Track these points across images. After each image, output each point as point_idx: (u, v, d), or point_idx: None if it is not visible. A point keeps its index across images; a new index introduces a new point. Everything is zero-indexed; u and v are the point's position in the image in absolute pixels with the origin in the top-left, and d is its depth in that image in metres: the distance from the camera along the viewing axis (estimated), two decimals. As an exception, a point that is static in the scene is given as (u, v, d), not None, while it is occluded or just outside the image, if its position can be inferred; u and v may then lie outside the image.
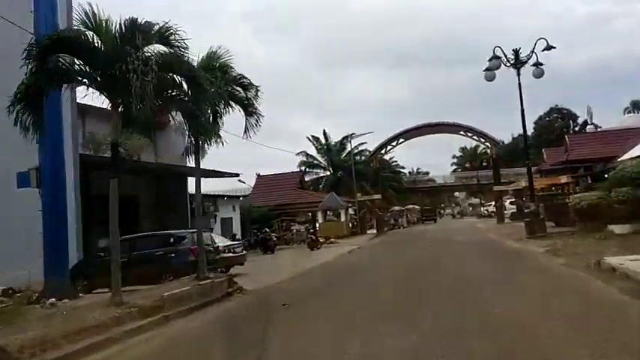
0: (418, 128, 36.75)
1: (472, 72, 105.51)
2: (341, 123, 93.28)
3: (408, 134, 36.83)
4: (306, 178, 52.34)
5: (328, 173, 52.18)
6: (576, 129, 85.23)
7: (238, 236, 28.49)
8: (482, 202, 67.98)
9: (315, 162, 52.09)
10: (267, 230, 31.12)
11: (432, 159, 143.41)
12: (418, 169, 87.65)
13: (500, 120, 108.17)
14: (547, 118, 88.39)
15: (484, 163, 70.94)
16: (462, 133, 36.87)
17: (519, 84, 21.12)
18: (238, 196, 33.40)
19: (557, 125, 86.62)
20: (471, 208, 78.41)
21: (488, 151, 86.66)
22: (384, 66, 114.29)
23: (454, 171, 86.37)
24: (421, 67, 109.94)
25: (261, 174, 43.17)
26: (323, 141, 51.69)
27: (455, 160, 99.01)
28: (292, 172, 42.40)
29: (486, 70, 21.35)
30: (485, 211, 55.58)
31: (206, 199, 24.61)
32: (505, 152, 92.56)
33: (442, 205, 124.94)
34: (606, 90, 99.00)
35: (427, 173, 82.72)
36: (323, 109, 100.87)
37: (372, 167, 60.49)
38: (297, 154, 51.32)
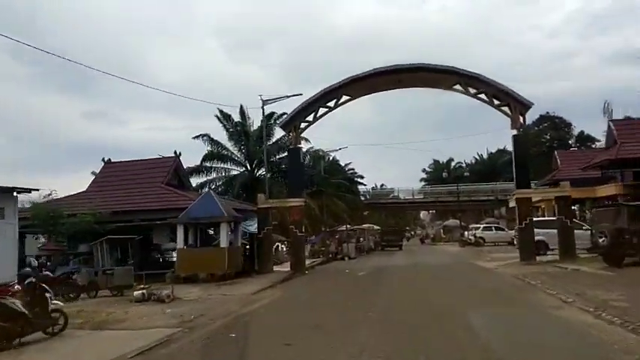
0: (367, 77, 19.26)
1: (440, 96, 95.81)
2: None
3: (351, 88, 19.55)
4: (213, 176, 34.71)
5: (244, 169, 34.60)
6: (570, 141, 71.55)
7: None
8: (464, 223, 51.60)
9: (223, 152, 34.47)
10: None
11: (399, 178, 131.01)
12: (382, 184, 70.49)
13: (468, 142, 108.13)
14: (537, 127, 73.99)
15: (466, 174, 54.76)
16: (457, 87, 19.22)
17: None
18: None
19: (548, 136, 72.31)
20: (443, 232, 61.71)
21: (463, 164, 72.48)
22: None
23: (424, 186, 70.27)
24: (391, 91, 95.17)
25: (111, 160, 25.28)
26: (238, 119, 34.15)
27: (424, 175, 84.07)
28: (161, 159, 24.63)
29: None
30: (472, 237, 39.01)
31: None
32: (482, 167, 78.50)
33: (407, 228, 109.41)
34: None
35: (392, 190, 65.96)
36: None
37: (314, 168, 44.79)
38: (196, 137, 33.69)
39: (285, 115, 21.08)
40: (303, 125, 20.66)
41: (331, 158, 54.53)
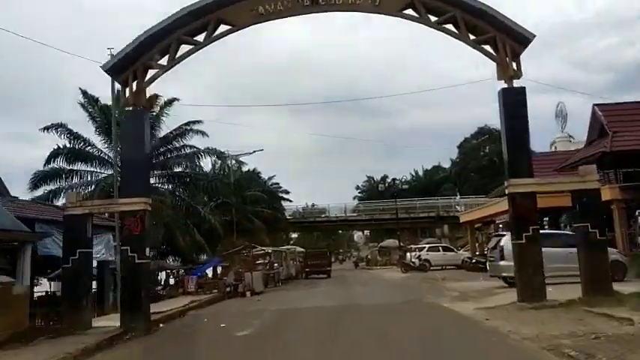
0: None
1: (373, 122, 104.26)
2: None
3: (232, 11, 11.23)
4: (75, 181, 24.82)
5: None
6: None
7: None
8: (402, 244, 44.31)
9: (87, 149, 24.77)
10: None
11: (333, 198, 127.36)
12: (313, 204, 61.82)
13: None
14: (475, 141, 69.34)
15: (405, 186, 47.91)
16: (410, 12, 11.48)
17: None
18: None
19: (487, 149, 67.68)
20: (379, 254, 54.09)
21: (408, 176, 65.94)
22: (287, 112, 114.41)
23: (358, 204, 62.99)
24: (321, 115, 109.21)
25: None
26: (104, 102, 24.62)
27: (358, 193, 77.12)
28: None
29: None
30: (415, 260, 31.45)
31: None
32: (418, 184, 72.62)
33: (340, 250, 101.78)
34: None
35: (323, 210, 57.65)
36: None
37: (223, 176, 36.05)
38: (45, 129, 23.83)
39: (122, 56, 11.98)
40: (151, 73, 11.94)
41: (251, 170, 46.17)
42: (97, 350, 9.59)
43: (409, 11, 11.89)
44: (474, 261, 26.99)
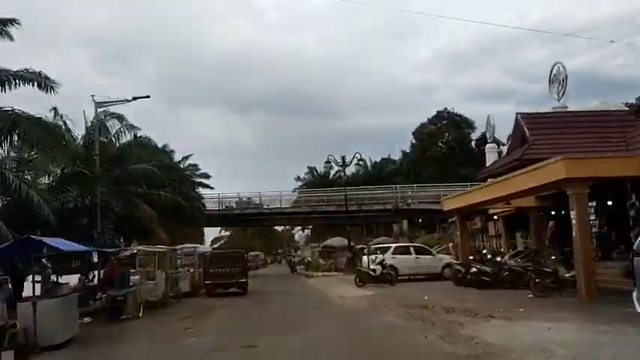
0: None
1: (313, 123, 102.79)
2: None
3: None
4: None
5: None
6: (471, 143, 59.16)
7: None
8: (352, 244, 34.27)
9: None
10: None
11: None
12: (249, 197, 49.43)
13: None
14: (433, 125, 60.57)
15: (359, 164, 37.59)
16: None
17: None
18: None
19: (449, 137, 59.12)
20: (321, 256, 43.26)
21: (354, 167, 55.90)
22: (229, 109, 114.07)
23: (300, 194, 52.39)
24: (265, 114, 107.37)
25: None
26: None
27: (299, 185, 66.49)
28: None
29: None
30: (377, 267, 21.01)
31: None
32: (366, 177, 62.83)
33: (280, 251, 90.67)
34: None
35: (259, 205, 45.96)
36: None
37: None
38: None
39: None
40: None
41: (149, 140, 34.62)
42: None
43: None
44: (473, 269, 17.08)
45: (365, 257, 22.67)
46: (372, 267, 21.36)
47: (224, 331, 10.69)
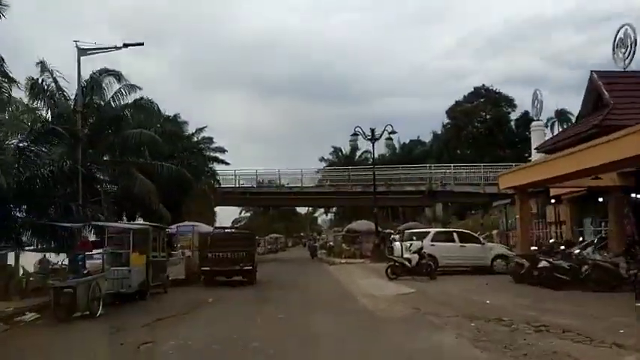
0: None
1: (337, 108, 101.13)
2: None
3: None
4: None
5: None
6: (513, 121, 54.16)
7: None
8: (380, 229, 30.46)
9: None
10: None
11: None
12: (270, 180, 45.25)
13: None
14: (470, 103, 55.66)
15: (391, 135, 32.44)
16: None
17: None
18: None
19: (487, 116, 54.32)
20: (344, 241, 39.40)
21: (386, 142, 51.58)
22: (253, 93, 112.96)
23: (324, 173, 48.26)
24: (288, 99, 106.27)
25: None
26: None
27: (322, 165, 62.48)
28: None
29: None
30: (412, 256, 17.18)
31: None
32: (395, 158, 58.48)
33: (302, 234, 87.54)
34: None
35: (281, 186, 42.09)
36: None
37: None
38: None
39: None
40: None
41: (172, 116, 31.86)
42: None
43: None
44: (542, 264, 13.12)
45: (397, 244, 18.82)
46: (406, 256, 17.56)
47: (189, 354, 6.96)
